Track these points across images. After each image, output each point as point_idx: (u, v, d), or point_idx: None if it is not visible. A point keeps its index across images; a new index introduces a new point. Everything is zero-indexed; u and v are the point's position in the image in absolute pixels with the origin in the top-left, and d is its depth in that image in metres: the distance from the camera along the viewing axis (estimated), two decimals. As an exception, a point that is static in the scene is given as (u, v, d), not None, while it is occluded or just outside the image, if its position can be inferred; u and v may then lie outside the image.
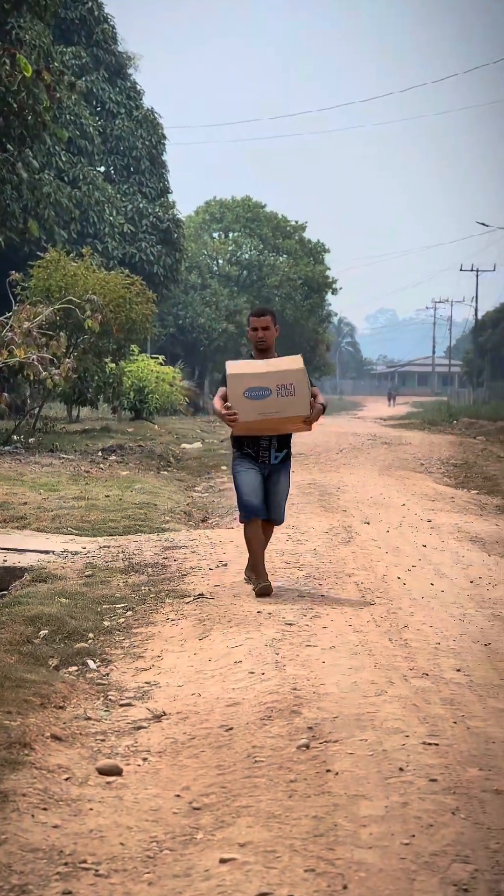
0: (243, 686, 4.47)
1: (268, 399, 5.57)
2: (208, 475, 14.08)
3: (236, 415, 5.57)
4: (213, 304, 34.84)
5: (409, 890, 2.68)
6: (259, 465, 5.91)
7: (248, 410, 5.57)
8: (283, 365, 5.67)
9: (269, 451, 5.91)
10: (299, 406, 5.60)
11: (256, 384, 5.57)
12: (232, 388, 5.60)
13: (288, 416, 5.62)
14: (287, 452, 6.01)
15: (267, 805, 3.23)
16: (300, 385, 5.59)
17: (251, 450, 5.90)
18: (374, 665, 4.70)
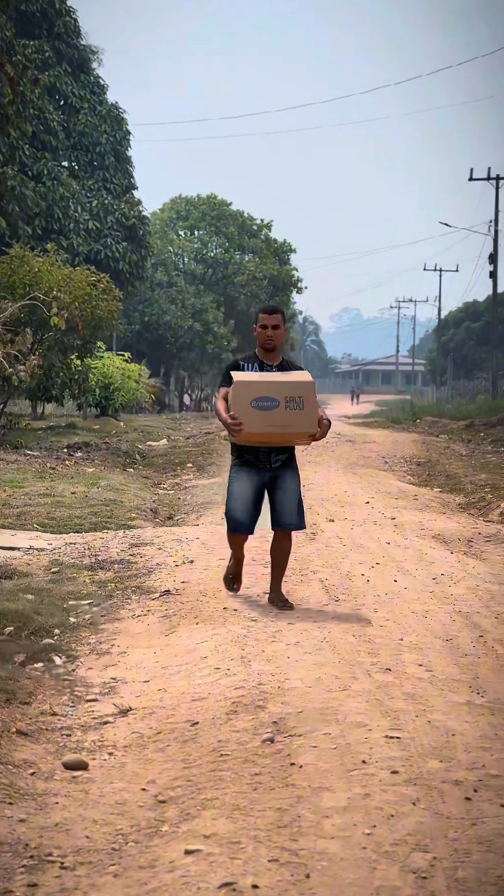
0: (209, 681, 4.52)
1: (275, 411, 5.27)
2: (174, 472, 14.09)
3: (241, 425, 5.24)
4: (178, 301, 34.79)
5: (369, 878, 2.74)
6: (259, 471, 5.54)
7: (254, 421, 5.25)
8: (293, 377, 5.40)
9: (269, 456, 5.53)
10: (307, 421, 5.31)
11: (264, 394, 5.26)
12: (238, 395, 5.25)
13: (295, 431, 5.33)
14: (290, 455, 5.62)
15: (232, 797, 3.28)
16: (309, 399, 5.31)
17: (250, 456, 5.52)
18: (338, 660, 4.76)
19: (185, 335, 34.83)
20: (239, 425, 5.22)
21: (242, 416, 5.24)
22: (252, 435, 5.30)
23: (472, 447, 19.14)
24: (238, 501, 5.48)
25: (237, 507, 5.51)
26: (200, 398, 40.81)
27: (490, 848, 2.88)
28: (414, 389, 71.21)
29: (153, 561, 7.03)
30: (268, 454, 5.51)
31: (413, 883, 2.71)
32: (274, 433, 5.30)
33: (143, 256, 28.24)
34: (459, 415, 28.93)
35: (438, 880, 2.72)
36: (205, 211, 38.41)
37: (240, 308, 38.18)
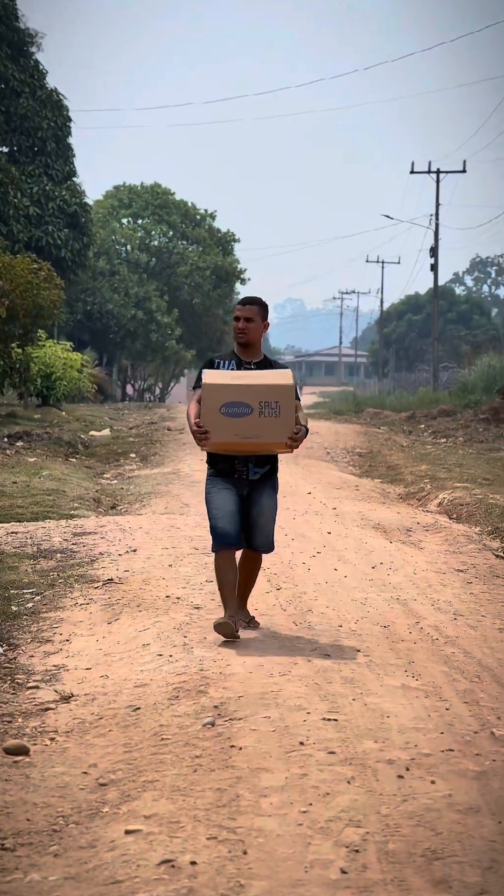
0: (151, 668, 4.58)
1: (247, 418, 4.64)
2: (117, 462, 14.07)
3: (207, 433, 4.65)
4: (121, 290, 34.56)
5: (304, 853, 2.84)
6: (235, 482, 4.87)
7: (221, 430, 4.65)
8: (270, 378, 4.73)
9: (247, 466, 4.86)
10: (283, 429, 4.67)
11: (235, 398, 4.63)
12: (206, 400, 4.67)
13: (268, 441, 4.69)
14: (271, 467, 4.94)
15: (172, 779, 3.35)
16: (287, 404, 4.67)
17: (225, 465, 4.88)
18: (279, 646, 4.86)
19: (129, 324, 34.63)
20: (205, 434, 4.65)
21: (210, 423, 4.64)
22: (219, 445, 4.72)
23: (412, 438, 19.44)
24: (220, 510, 4.82)
25: (220, 516, 4.82)
26: (144, 388, 40.65)
27: (419, 822, 3.00)
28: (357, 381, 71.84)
29: (96, 550, 7.05)
30: (245, 464, 4.85)
31: (345, 856, 2.81)
32: (244, 444, 4.69)
33: (86, 244, 28.00)
34: (401, 406, 29.31)
35: (370, 853, 2.83)
36: (148, 200, 38.18)
37: (183, 298, 38.08)
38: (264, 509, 4.91)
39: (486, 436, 18.38)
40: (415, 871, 2.74)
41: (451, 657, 4.75)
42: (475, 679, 4.42)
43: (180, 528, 8.00)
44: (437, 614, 5.60)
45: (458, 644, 4.97)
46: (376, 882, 2.68)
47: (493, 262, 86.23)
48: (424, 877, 2.70)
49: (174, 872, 2.72)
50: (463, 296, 64.57)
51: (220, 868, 2.75)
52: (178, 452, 14.93)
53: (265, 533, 4.96)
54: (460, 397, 25.26)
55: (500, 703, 4.10)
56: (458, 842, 2.88)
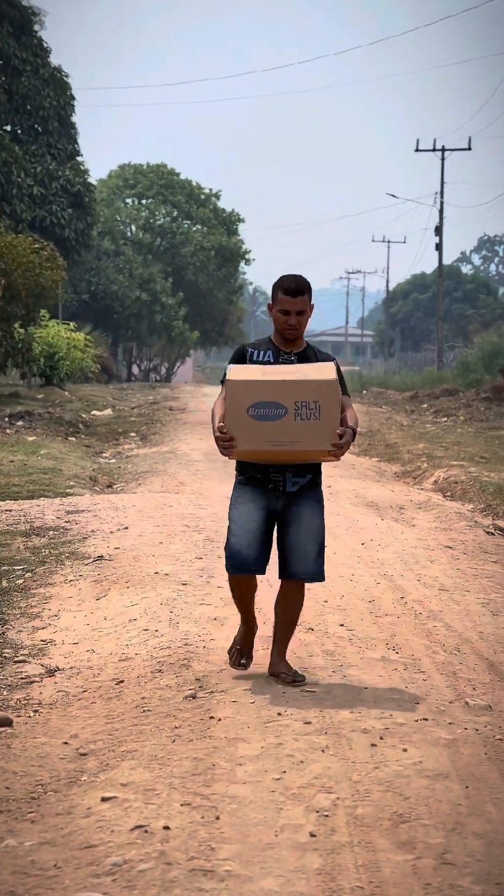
0: (137, 642, 4.65)
1: (280, 421, 3.82)
2: (117, 442, 14.14)
3: (233, 441, 3.81)
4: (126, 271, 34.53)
5: (275, 818, 2.91)
6: (267, 494, 3.99)
7: (250, 435, 3.82)
8: (307, 373, 3.90)
9: (284, 476, 3.97)
10: (324, 434, 3.82)
11: (266, 397, 3.83)
12: (231, 400, 3.85)
13: (306, 448, 3.86)
14: (313, 477, 4.03)
15: (151, 749, 3.42)
16: (328, 404, 3.84)
17: (257, 472, 4.00)
18: (263, 621, 4.92)
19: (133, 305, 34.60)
20: (230, 440, 3.80)
21: (236, 427, 3.81)
22: (247, 453, 3.90)
23: (413, 418, 19.46)
24: (240, 527, 3.95)
25: (240, 537, 3.95)
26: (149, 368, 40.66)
27: (389, 788, 3.07)
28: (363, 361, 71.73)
29: (88, 528, 7.12)
30: (281, 472, 3.97)
31: (315, 820, 2.89)
32: (276, 451, 3.85)
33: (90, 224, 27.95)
34: (405, 386, 29.30)
35: (339, 817, 2.90)
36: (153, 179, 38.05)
37: (188, 278, 38.01)
38: (304, 527, 3.96)
39: (487, 414, 18.39)
40: (381, 833, 2.80)
41: (432, 630, 4.81)
42: (455, 651, 4.48)
43: (173, 506, 8.07)
44: (422, 589, 5.66)
45: (440, 618, 5.03)
46: (343, 845, 2.75)
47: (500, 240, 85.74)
48: (390, 839, 2.77)
49: (147, 837, 2.80)
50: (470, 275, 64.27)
51: (192, 833, 2.82)
52: (177, 432, 15.00)
53: (306, 556, 3.96)
54: (462, 376, 25.24)
55: (476, 673, 4.17)
56: (424, 806, 2.95)
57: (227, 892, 2.50)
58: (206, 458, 11.56)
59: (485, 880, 2.53)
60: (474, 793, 3.04)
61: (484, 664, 4.31)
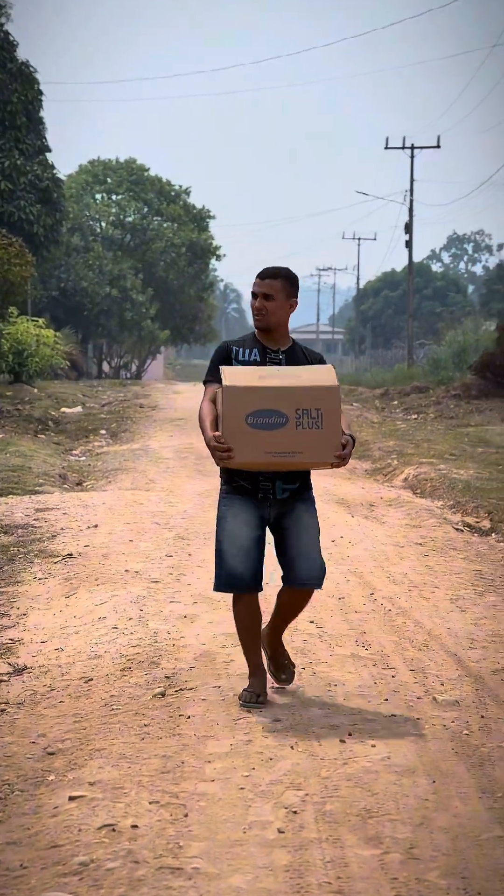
0: (106, 640, 4.63)
1: (281, 431, 3.59)
2: (87, 439, 14.06)
3: (230, 452, 3.57)
4: (96, 267, 34.33)
5: (244, 815, 2.91)
6: (259, 504, 3.78)
7: (249, 446, 3.58)
8: (308, 379, 3.69)
9: (273, 483, 3.77)
10: (327, 445, 3.62)
11: (266, 405, 3.59)
12: (228, 407, 3.60)
13: (308, 459, 3.65)
14: (305, 483, 3.87)
15: (119, 747, 3.41)
16: (330, 412, 3.63)
17: (246, 482, 3.78)
18: (233, 619, 4.92)
19: (103, 302, 34.43)
20: (227, 451, 3.56)
21: (234, 437, 3.57)
22: (246, 464, 3.66)
23: (384, 415, 19.53)
24: (233, 543, 3.75)
25: (233, 556, 3.75)
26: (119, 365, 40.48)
27: (357, 784, 3.08)
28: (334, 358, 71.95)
29: (57, 525, 7.08)
30: (271, 480, 3.77)
31: (284, 817, 2.89)
32: (278, 462, 3.64)
33: (59, 220, 27.74)
34: (376, 383, 29.41)
35: (308, 814, 2.91)
36: (123, 175, 37.86)
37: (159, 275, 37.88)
38: (304, 529, 3.79)
39: (457, 412, 18.51)
40: (349, 829, 2.82)
41: (401, 627, 4.84)
42: (423, 648, 4.51)
43: (143, 503, 8.04)
44: (391, 586, 5.69)
45: (409, 614, 5.06)
46: (311, 840, 2.76)
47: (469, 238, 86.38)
48: (358, 834, 2.78)
49: (114, 836, 2.79)
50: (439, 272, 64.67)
51: (160, 831, 2.82)
52: (148, 429, 14.96)
53: (311, 560, 3.78)
54: (433, 374, 25.39)
55: (444, 669, 4.19)
56: (392, 801, 2.97)
57: (195, 889, 2.49)
58: (177, 456, 11.54)
59: (451, 874, 2.55)
60: (441, 788, 3.06)
61: (452, 660, 4.34)
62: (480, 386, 20.66)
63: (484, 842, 2.71)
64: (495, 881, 2.51)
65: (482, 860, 2.61)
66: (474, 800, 2.98)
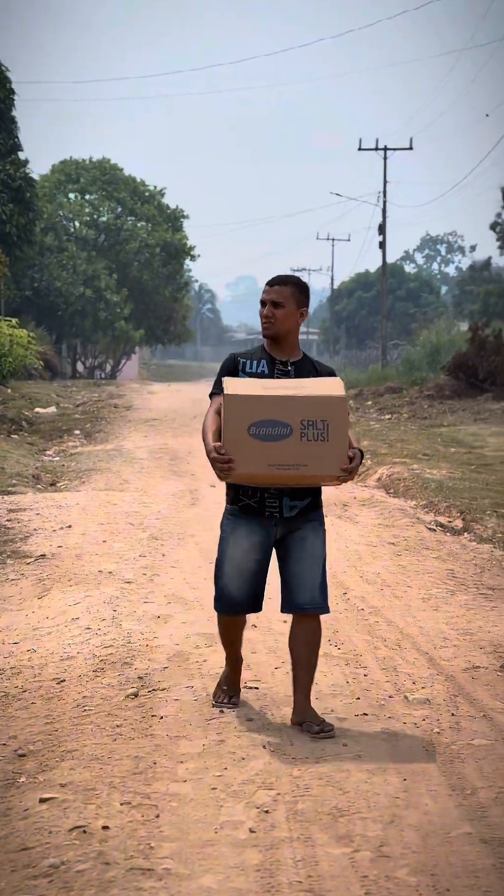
0: (79, 641, 4.62)
1: (285, 442, 3.44)
2: (61, 439, 14.00)
3: (232, 463, 3.42)
4: (70, 267, 34.16)
5: (216, 815, 2.92)
6: (264, 523, 3.60)
7: (251, 457, 3.43)
8: (314, 388, 3.54)
9: (280, 500, 3.59)
10: (333, 458, 3.46)
11: (269, 415, 3.45)
12: (230, 417, 3.45)
13: (313, 472, 3.48)
14: (315, 500, 3.66)
15: (91, 749, 3.40)
16: (337, 424, 3.48)
17: (252, 500, 3.60)
18: (206, 619, 4.92)
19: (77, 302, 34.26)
20: (228, 463, 3.40)
21: (235, 448, 3.42)
22: (247, 476, 3.50)
23: (358, 415, 19.60)
24: (234, 570, 3.60)
25: (232, 579, 3.61)
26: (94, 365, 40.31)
27: (329, 782, 3.09)
28: (308, 358, 71.88)
29: (31, 526, 7.05)
30: (278, 497, 3.58)
31: (255, 817, 2.90)
32: (281, 475, 3.47)
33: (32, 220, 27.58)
34: (350, 383, 29.47)
35: (279, 813, 2.92)
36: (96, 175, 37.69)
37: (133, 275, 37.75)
38: (307, 553, 3.61)
39: (430, 412, 18.62)
40: (320, 828, 2.83)
41: (374, 626, 4.86)
42: (395, 647, 4.53)
43: (117, 504, 8.03)
44: (364, 585, 5.71)
45: (381, 614, 5.08)
46: (283, 840, 2.76)
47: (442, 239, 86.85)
48: (329, 833, 2.79)
49: (85, 838, 2.78)
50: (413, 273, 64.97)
51: (131, 832, 2.81)
52: (122, 430, 14.92)
53: (311, 585, 3.59)
54: (406, 374, 25.51)
55: (416, 668, 4.22)
56: (363, 799, 2.98)
57: (165, 890, 2.49)
58: (151, 456, 11.52)
59: (420, 871, 2.56)
60: (412, 785, 3.08)
61: (424, 659, 4.36)
62: (453, 386, 20.81)
63: (453, 839, 2.73)
64: (464, 878, 2.53)
65: (451, 857, 2.63)
66: (444, 797, 3.00)
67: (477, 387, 20.26)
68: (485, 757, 3.30)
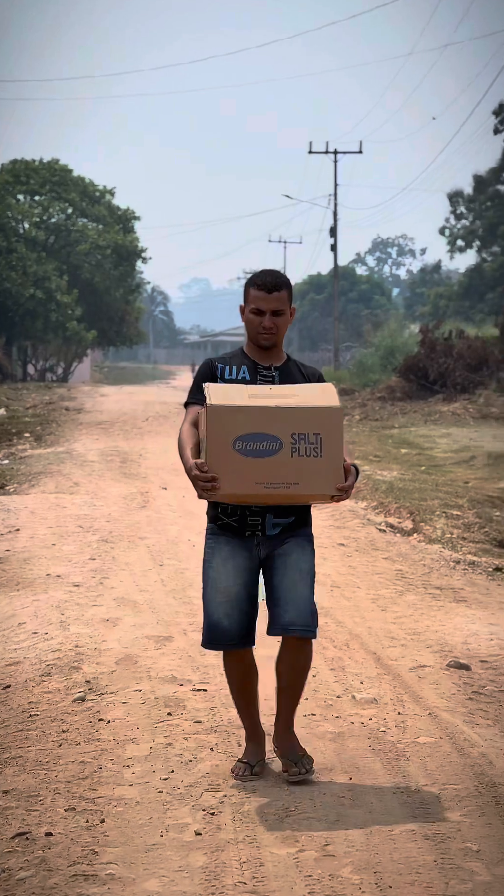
0: (25, 646, 4.57)
1: (274, 458, 3.07)
2: (10, 442, 13.84)
3: (215, 481, 3.03)
4: (19, 269, 33.82)
5: (162, 818, 2.90)
6: (248, 543, 3.21)
7: (237, 475, 3.05)
8: (306, 398, 3.16)
9: (264, 518, 3.21)
10: (328, 475, 3.09)
11: (256, 428, 3.08)
12: (213, 431, 3.07)
13: (306, 491, 3.11)
14: (301, 518, 3.27)
15: (35, 754, 3.36)
16: (331, 438, 3.10)
17: (233, 519, 3.22)
18: (156, 622, 4.91)
19: (27, 303, 33.93)
20: (211, 482, 3.03)
21: (219, 464, 3.04)
22: (234, 496, 3.12)
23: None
24: (221, 596, 3.19)
25: (219, 606, 3.19)
26: (45, 368, 39.94)
27: (275, 783, 3.10)
28: (261, 360, 72.05)
29: (-23, 531, 6.95)
30: (261, 515, 3.21)
31: (202, 819, 2.89)
32: (270, 494, 3.10)
33: (-19, 221, 27.28)
34: (302, 385, 29.60)
35: (225, 815, 2.91)
36: (46, 176, 37.35)
37: (84, 277, 37.48)
38: (291, 569, 3.19)
39: (382, 413, 18.77)
40: (266, 828, 2.83)
41: (323, 627, 4.87)
42: (344, 647, 4.55)
43: (67, 506, 7.96)
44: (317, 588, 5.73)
45: (331, 614, 5.10)
46: (228, 842, 2.76)
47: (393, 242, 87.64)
48: (274, 833, 2.80)
49: (28, 844, 2.75)
50: (364, 276, 65.46)
51: (75, 838, 2.79)
52: (73, 432, 14.80)
53: (298, 606, 3.16)
54: (359, 376, 25.70)
55: (364, 668, 4.25)
56: (309, 799, 2.99)
57: (109, 895, 2.48)
58: (102, 458, 11.45)
59: (364, 869, 2.58)
60: (357, 784, 3.10)
61: (372, 659, 4.39)
62: (405, 388, 21.01)
63: (397, 836, 2.76)
64: (406, 874, 2.55)
65: (394, 854, 2.65)
66: (389, 795, 3.02)
67: (428, 388, 20.49)
68: (429, 755, 3.33)
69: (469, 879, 2.53)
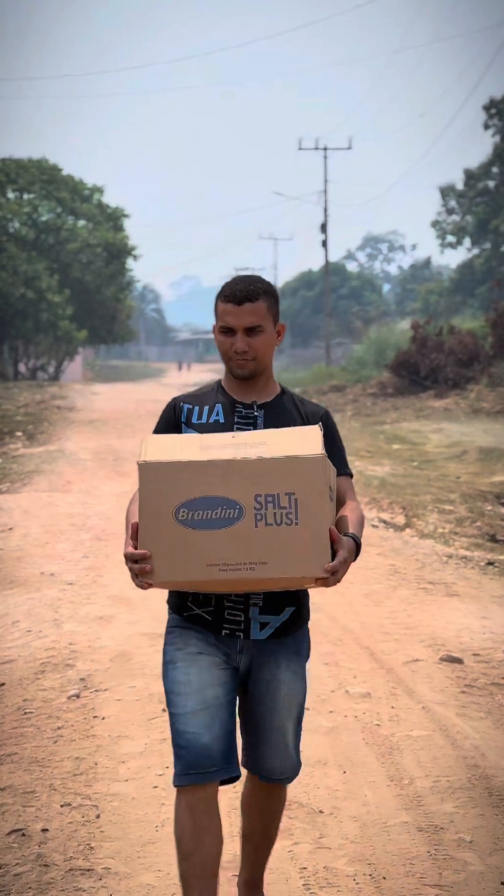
0: (20, 644, 4.57)
1: (233, 529, 2.16)
2: (2, 441, 13.82)
3: (148, 564, 2.11)
4: (9, 268, 33.74)
5: (157, 813, 2.92)
6: (221, 643, 2.28)
7: (180, 555, 2.15)
8: (277, 443, 2.25)
9: (247, 612, 2.28)
10: (305, 550, 2.16)
11: (206, 491, 2.18)
12: (147, 497, 2.17)
13: (279, 575, 2.16)
14: (297, 611, 2.33)
15: (31, 751, 3.37)
16: (311, 497, 2.18)
17: (204, 610, 2.30)
18: (151, 618, 4.92)
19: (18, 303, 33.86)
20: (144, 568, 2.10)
21: (156, 541, 2.14)
22: (176, 584, 2.21)
23: (302, 413, 19.72)
24: (195, 703, 2.22)
25: (192, 717, 2.21)
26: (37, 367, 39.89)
27: (269, 778, 3.11)
28: (253, 358, 71.99)
29: (-30, 530, 6.95)
30: (242, 605, 2.28)
31: (196, 814, 2.90)
32: (228, 579, 2.15)
33: (-30, 220, 27.22)
34: (294, 382, 29.62)
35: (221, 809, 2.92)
36: (35, 175, 37.28)
37: (74, 275, 37.43)
38: (284, 707, 2.31)
39: (373, 409, 18.80)
40: (261, 823, 2.84)
41: (316, 622, 4.88)
42: (338, 642, 4.57)
43: (60, 505, 7.96)
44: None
45: (324, 610, 5.12)
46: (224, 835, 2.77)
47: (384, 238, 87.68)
48: (269, 828, 2.81)
49: (24, 841, 2.76)
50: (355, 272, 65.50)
51: (71, 833, 2.80)
52: (65, 431, 14.80)
53: (286, 753, 2.34)
54: (351, 372, 25.73)
55: (357, 662, 4.27)
56: (304, 792, 3.01)
57: (105, 889, 2.49)
58: (95, 457, 11.45)
59: (358, 860, 2.60)
60: (351, 777, 3.12)
61: (365, 653, 4.41)
62: (396, 384, 21.05)
63: (391, 828, 2.78)
64: (399, 865, 2.57)
65: (388, 846, 2.68)
66: (383, 788, 3.04)
67: (419, 384, 20.53)
68: (422, 748, 3.35)
69: (462, 870, 2.56)
